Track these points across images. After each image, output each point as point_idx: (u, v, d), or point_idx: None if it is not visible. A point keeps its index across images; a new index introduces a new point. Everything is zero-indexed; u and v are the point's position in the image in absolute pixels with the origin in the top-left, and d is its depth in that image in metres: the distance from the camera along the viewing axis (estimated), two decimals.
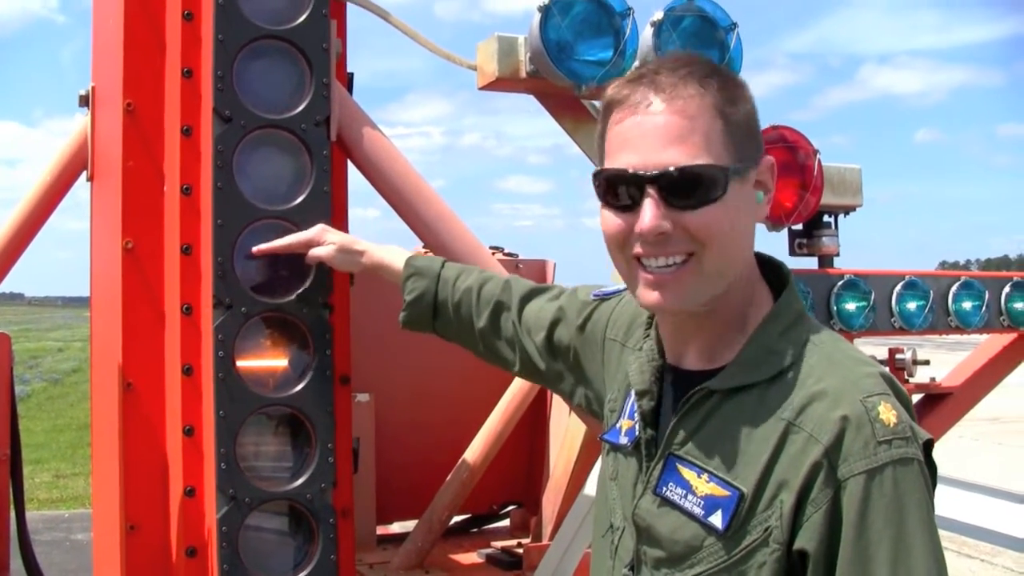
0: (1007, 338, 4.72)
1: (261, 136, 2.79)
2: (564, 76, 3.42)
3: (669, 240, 1.84)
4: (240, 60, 2.76)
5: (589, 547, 3.71)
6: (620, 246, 1.91)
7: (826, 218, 4.23)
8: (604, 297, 2.42)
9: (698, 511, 1.84)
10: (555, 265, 5.61)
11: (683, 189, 1.81)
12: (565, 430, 4.71)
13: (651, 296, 1.89)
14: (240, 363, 2.73)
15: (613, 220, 1.91)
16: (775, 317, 1.92)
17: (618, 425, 2.14)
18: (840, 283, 3.97)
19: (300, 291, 2.79)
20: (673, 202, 1.82)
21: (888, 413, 1.73)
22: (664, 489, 1.92)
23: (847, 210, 4.24)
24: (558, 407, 5.17)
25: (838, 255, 4.24)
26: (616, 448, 2.12)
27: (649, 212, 1.82)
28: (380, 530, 5.35)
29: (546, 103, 3.70)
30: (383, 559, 4.84)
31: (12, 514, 4.75)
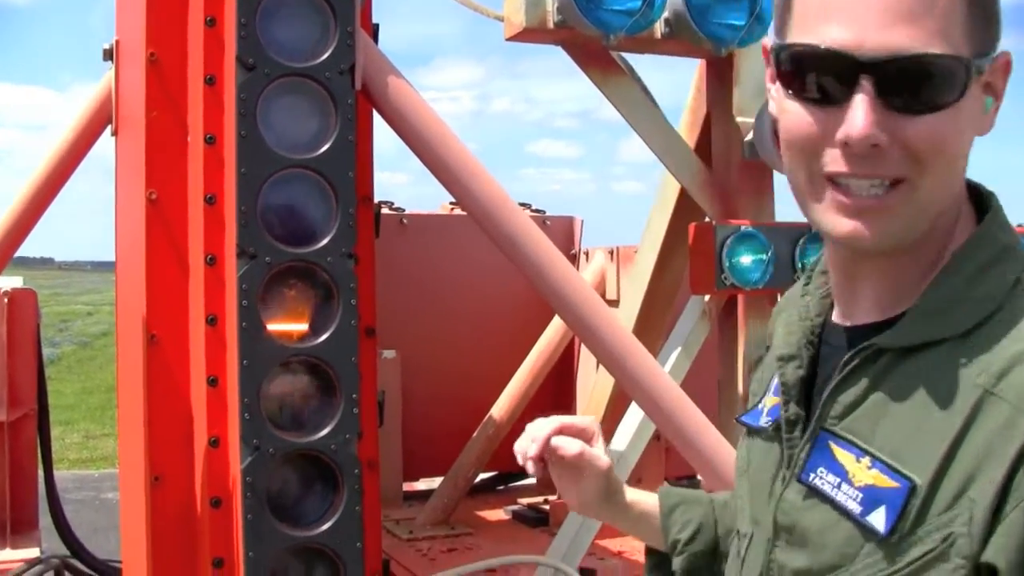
0: None
1: (285, 84, 2.75)
2: (592, 26, 3.38)
3: (883, 155, 1.33)
4: (263, 8, 2.72)
5: None
6: (807, 156, 1.39)
7: None
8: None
9: (854, 506, 1.35)
10: (583, 222, 5.60)
11: (911, 86, 1.31)
12: (592, 386, 4.70)
13: (846, 225, 1.37)
14: (264, 313, 2.71)
15: (802, 119, 1.38)
16: (972, 251, 1.40)
17: (761, 405, 1.65)
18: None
19: (325, 241, 2.76)
20: (895, 103, 1.31)
21: None
22: (812, 476, 1.42)
23: None
24: (585, 363, 5.17)
25: None
26: (754, 432, 1.65)
27: (861, 113, 1.31)
28: (407, 487, 5.38)
29: (574, 54, 3.66)
30: (409, 515, 4.86)
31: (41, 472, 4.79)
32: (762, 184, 3.91)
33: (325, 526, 2.76)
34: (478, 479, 5.36)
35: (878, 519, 1.32)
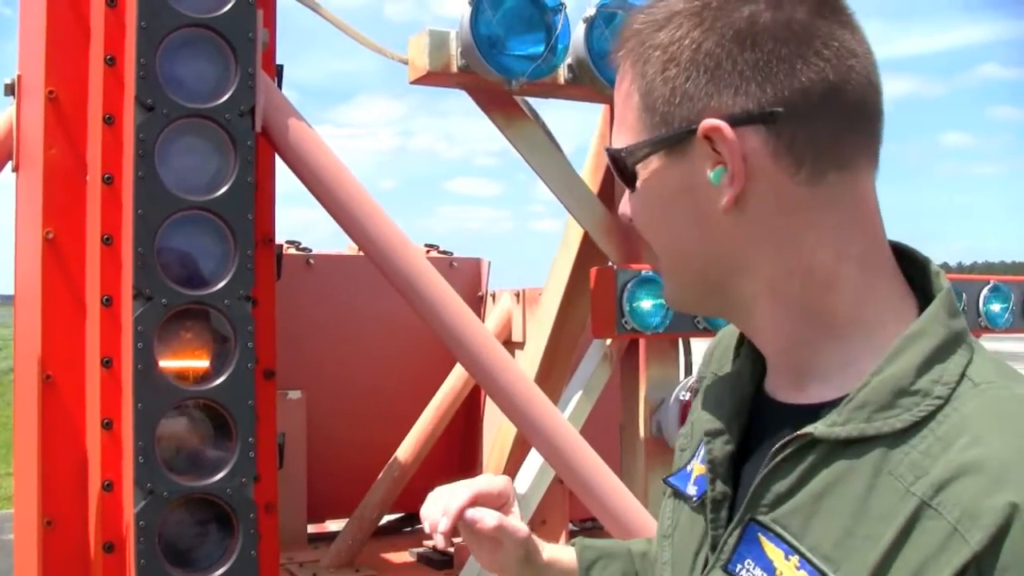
0: None
1: (184, 125, 2.74)
2: (495, 71, 3.41)
3: None
4: (163, 48, 2.71)
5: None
6: None
7: None
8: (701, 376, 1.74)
9: None
10: (490, 264, 5.61)
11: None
12: (497, 428, 4.71)
13: None
14: (160, 356, 2.69)
15: None
16: (915, 341, 1.28)
17: (689, 468, 1.56)
18: None
19: (222, 283, 2.75)
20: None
21: None
22: (739, 567, 1.34)
23: None
24: (492, 405, 5.18)
25: None
26: (680, 498, 1.56)
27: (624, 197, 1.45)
28: (315, 528, 5.34)
29: (478, 98, 3.69)
30: (314, 557, 4.83)
31: None
32: None
33: (220, 570, 2.73)
34: (384, 521, 5.33)
35: None
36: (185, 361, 2.75)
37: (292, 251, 5.25)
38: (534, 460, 3.77)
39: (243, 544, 2.74)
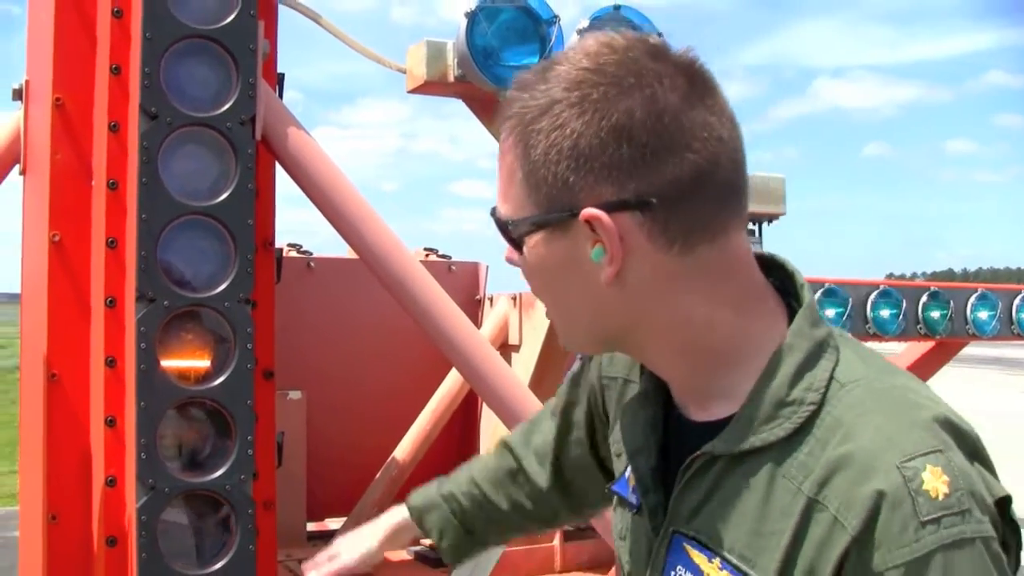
0: (923, 347, 4.84)
1: (187, 133, 2.83)
2: (489, 81, 3.49)
3: None
4: (167, 58, 2.80)
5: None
6: None
7: (750, 226, 4.32)
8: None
9: None
10: (488, 268, 5.68)
11: None
12: (494, 429, 4.78)
13: None
14: (162, 356, 2.77)
15: None
16: (786, 355, 1.44)
17: (626, 475, 1.71)
18: None
19: (223, 286, 2.83)
20: None
21: (937, 480, 1.28)
22: (672, 574, 1.52)
23: (770, 218, 4.34)
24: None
25: None
26: (625, 504, 1.72)
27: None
28: (314, 527, 5.39)
29: (473, 107, 3.77)
30: (312, 554, 4.87)
31: None
32: None
33: (219, 564, 2.80)
34: None
35: None
36: (186, 361, 2.83)
37: (293, 254, 5.31)
38: None
39: (241, 539, 2.81)
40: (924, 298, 4.48)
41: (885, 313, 4.35)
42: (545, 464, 2.08)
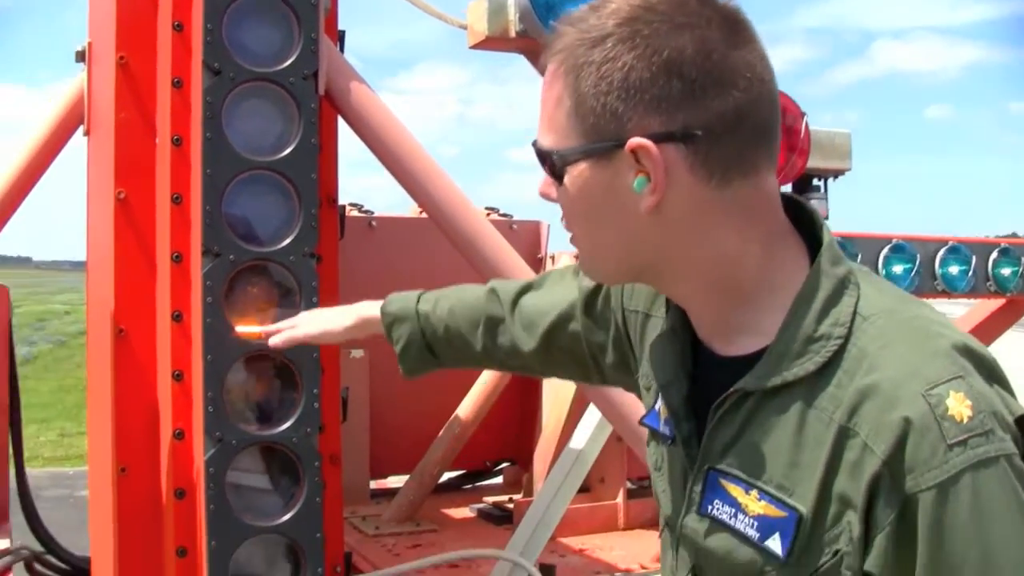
0: (992, 305, 4.78)
1: (250, 89, 2.84)
2: (552, 35, 3.46)
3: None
4: (229, 14, 2.81)
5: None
6: None
7: (815, 181, 4.28)
8: None
9: (752, 533, 1.52)
10: (549, 227, 5.66)
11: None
12: (556, 387, 4.78)
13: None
14: (228, 310, 2.79)
15: None
16: (811, 292, 1.52)
17: (656, 408, 1.78)
18: None
19: (288, 241, 2.85)
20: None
21: (960, 405, 1.36)
22: (710, 508, 1.59)
23: (835, 174, 4.29)
24: None
25: (827, 219, 4.28)
26: (658, 436, 1.79)
27: (541, 176, 1.61)
28: (376, 484, 5.44)
29: (534, 62, 3.74)
30: (376, 512, 4.92)
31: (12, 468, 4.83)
32: None
33: (286, 517, 2.84)
34: (446, 478, 5.42)
35: (775, 544, 1.48)
36: (253, 315, 2.84)
37: (355, 213, 5.32)
38: (592, 417, 3.83)
39: (308, 492, 2.84)
40: (994, 255, 4.42)
41: (954, 270, 4.30)
42: (532, 332, 2.15)
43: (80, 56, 3.50)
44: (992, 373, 1.44)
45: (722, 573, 1.60)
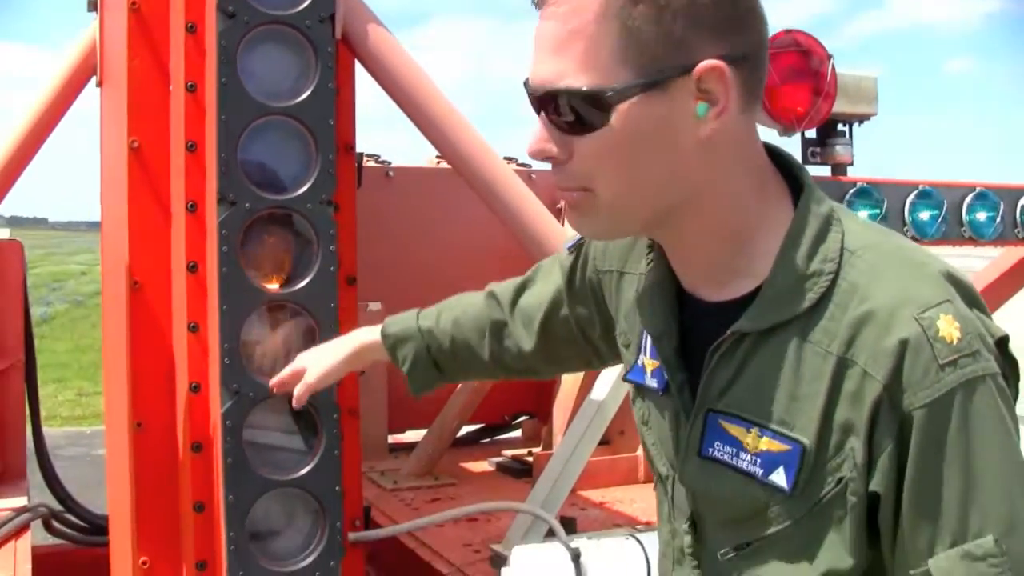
0: (1021, 252, 4.69)
1: (265, 32, 2.76)
2: None
3: (565, 169, 1.54)
4: None
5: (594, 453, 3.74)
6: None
7: (840, 127, 4.19)
8: (579, 243, 2.07)
9: (756, 470, 1.57)
10: None
11: (559, 114, 1.50)
12: None
13: (570, 222, 1.64)
14: (244, 259, 2.73)
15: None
16: (799, 231, 1.57)
17: (639, 362, 1.83)
18: (852, 191, 3.94)
19: (304, 188, 2.78)
20: (561, 125, 1.51)
21: (950, 327, 1.44)
22: (711, 450, 1.64)
23: (861, 119, 4.20)
24: None
25: (852, 164, 4.20)
26: (643, 390, 1.84)
27: (531, 134, 1.55)
28: (393, 439, 5.42)
29: None
30: (395, 466, 4.90)
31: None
32: None
33: (304, 470, 2.80)
34: (464, 432, 5.40)
35: (780, 478, 1.55)
36: (269, 265, 2.79)
37: (372, 163, 5.26)
38: (611, 371, 3.78)
39: (327, 444, 2.80)
40: (1023, 200, 4.33)
41: (981, 216, 4.21)
42: (530, 329, 2.20)
43: (92, 4, 3.44)
44: (972, 298, 1.53)
45: (723, 516, 1.66)
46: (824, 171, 4.17)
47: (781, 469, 1.54)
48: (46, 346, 21.82)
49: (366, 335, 2.43)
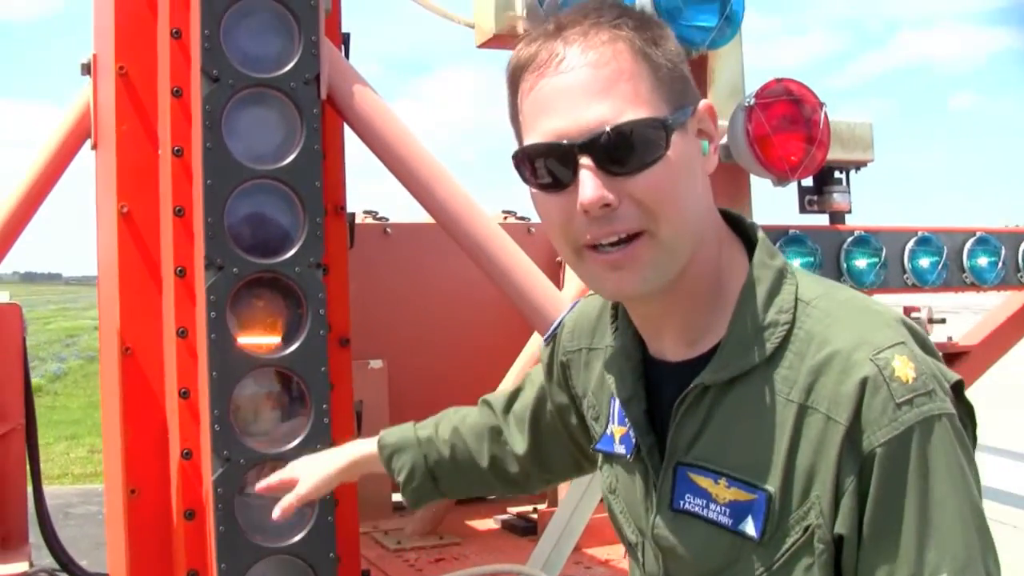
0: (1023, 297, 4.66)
1: (250, 95, 2.76)
2: None
3: (616, 215, 1.53)
4: (227, 19, 2.73)
5: (597, 509, 3.69)
6: (565, 233, 1.60)
7: (837, 174, 4.18)
8: (553, 333, 2.09)
9: (725, 520, 1.60)
10: None
11: (620, 152, 1.51)
12: None
13: (609, 282, 1.60)
14: (233, 324, 2.71)
15: (550, 204, 1.60)
16: (755, 284, 1.63)
17: (608, 431, 1.86)
18: (850, 239, 3.92)
19: (292, 251, 2.76)
20: (612, 169, 1.52)
21: (905, 367, 1.48)
22: (682, 503, 1.67)
23: (858, 165, 4.19)
24: None
25: (850, 212, 4.18)
26: (612, 458, 1.87)
27: (588, 183, 1.52)
28: (399, 497, 5.36)
29: None
30: (398, 525, 4.85)
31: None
32: (739, 187, 3.90)
33: (298, 537, 2.76)
34: None
35: (749, 527, 1.58)
36: (259, 329, 2.78)
37: (369, 220, 5.25)
38: None
39: (320, 510, 2.76)
40: None
41: (983, 261, 4.19)
42: (522, 428, 2.20)
43: (85, 68, 3.45)
44: (925, 344, 1.58)
45: (695, 574, 1.68)
46: (822, 219, 4.15)
47: (749, 518, 1.57)
48: (60, 403, 21.86)
49: (361, 447, 2.38)
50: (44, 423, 17.24)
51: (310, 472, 2.31)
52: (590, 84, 1.52)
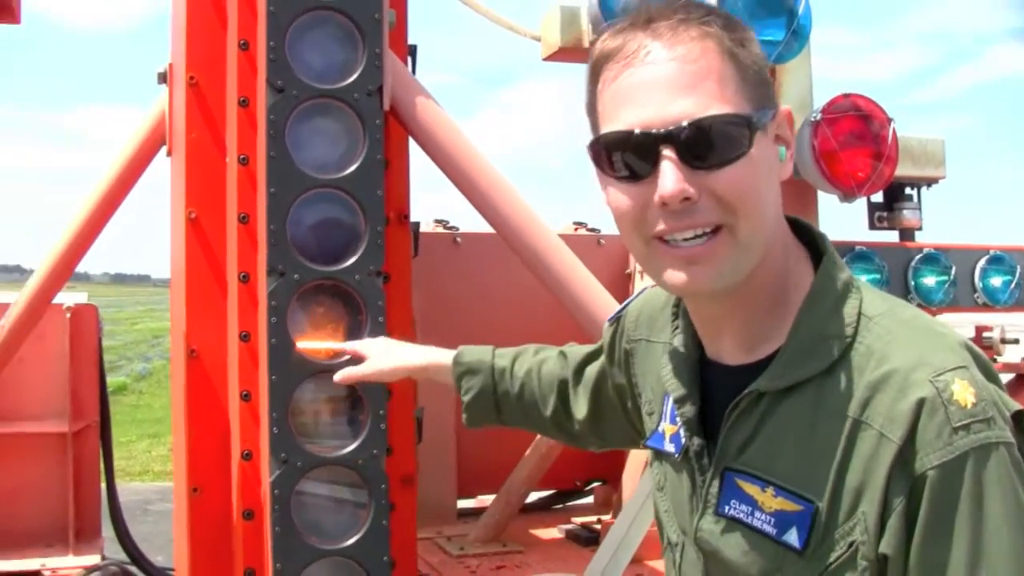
0: None
1: (314, 106, 2.82)
2: None
3: (696, 209, 1.52)
4: (293, 31, 2.79)
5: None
6: (637, 225, 1.58)
7: (907, 190, 4.14)
8: (618, 316, 2.10)
9: (770, 529, 1.58)
10: None
11: (703, 146, 1.50)
12: None
13: (680, 277, 1.57)
14: (294, 329, 2.76)
15: (624, 196, 1.58)
16: (819, 295, 1.61)
17: (660, 429, 1.86)
18: (918, 257, 3.88)
19: (353, 259, 2.81)
20: (694, 163, 1.50)
21: (964, 392, 1.44)
22: (727, 508, 1.65)
23: (929, 182, 4.15)
24: None
25: (920, 229, 4.14)
26: (662, 456, 1.87)
27: (670, 175, 1.49)
28: (465, 504, 5.39)
29: None
30: (462, 532, 4.87)
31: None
32: (806, 202, 3.88)
33: (352, 539, 2.80)
34: (535, 498, 5.36)
35: (792, 537, 1.55)
36: (319, 335, 2.82)
37: (440, 230, 5.28)
38: None
39: (374, 514, 2.80)
40: None
41: None
42: (586, 395, 2.23)
43: (162, 78, 3.52)
44: (988, 371, 1.53)
45: None
46: (892, 236, 4.12)
47: (794, 529, 1.56)
48: (144, 401, 22.25)
49: (437, 355, 2.44)
50: (128, 421, 17.61)
51: (381, 356, 2.42)
52: (677, 78, 1.52)
